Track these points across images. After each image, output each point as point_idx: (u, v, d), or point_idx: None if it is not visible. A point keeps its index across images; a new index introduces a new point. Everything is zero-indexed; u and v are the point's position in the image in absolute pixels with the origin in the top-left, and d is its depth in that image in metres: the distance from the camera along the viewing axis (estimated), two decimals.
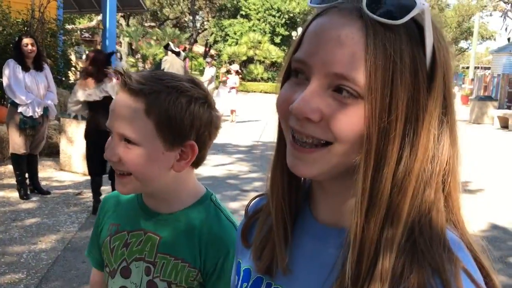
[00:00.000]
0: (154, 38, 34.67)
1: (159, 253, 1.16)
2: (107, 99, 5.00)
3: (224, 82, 15.73)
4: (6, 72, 5.59)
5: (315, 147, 0.69)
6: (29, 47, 5.59)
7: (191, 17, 42.98)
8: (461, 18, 49.65)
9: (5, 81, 5.60)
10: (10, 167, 6.36)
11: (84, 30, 20.82)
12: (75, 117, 5.58)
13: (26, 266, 4.00)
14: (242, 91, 24.05)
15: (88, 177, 6.86)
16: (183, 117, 1.08)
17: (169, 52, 12.47)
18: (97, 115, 5.04)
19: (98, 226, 1.29)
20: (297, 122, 0.69)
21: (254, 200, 0.95)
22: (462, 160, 0.72)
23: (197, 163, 1.19)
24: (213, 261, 1.14)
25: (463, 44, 55.93)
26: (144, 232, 1.19)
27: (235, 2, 38.81)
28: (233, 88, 15.09)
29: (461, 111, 20.05)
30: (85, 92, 5.11)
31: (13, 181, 6.07)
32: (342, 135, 0.66)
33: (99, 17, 18.71)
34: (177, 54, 12.47)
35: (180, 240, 1.16)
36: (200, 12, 43.56)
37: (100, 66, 5.09)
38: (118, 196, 1.29)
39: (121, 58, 17.45)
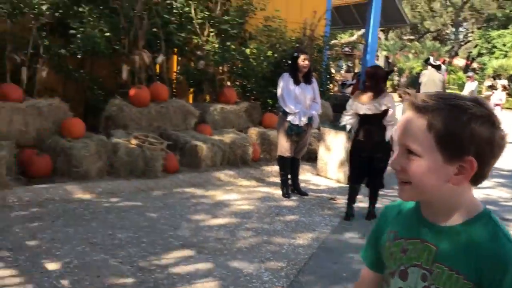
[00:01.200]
0: (413, 51, 34.06)
1: (435, 262, 1.22)
2: (385, 112, 5.40)
3: (488, 98, 14.46)
4: (280, 83, 6.38)
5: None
6: (306, 62, 6.28)
7: (453, 29, 40.71)
8: None
9: (279, 91, 6.39)
10: (275, 168, 7.19)
11: (345, 45, 21.89)
12: (349, 131, 5.99)
13: (287, 257, 4.48)
14: (508, 108, 21.64)
15: (341, 185, 7.27)
16: (462, 133, 1.15)
17: (429, 67, 12.14)
18: (371, 127, 5.47)
19: (378, 231, 1.42)
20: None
21: None
22: None
23: (476, 180, 1.23)
24: (489, 277, 1.15)
25: None
26: (421, 241, 1.27)
27: (507, 11, 35.12)
28: (497, 105, 13.75)
29: None
30: (363, 106, 5.48)
31: (277, 180, 6.86)
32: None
33: (359, 32, 19.45)
34: (437, 68, 12.04)
35: (457, 253, 1.20)
36: (465, 24, 40.88)
37: (379, 81, 5.51)
38: (399, 206, 1.41)
39: None
